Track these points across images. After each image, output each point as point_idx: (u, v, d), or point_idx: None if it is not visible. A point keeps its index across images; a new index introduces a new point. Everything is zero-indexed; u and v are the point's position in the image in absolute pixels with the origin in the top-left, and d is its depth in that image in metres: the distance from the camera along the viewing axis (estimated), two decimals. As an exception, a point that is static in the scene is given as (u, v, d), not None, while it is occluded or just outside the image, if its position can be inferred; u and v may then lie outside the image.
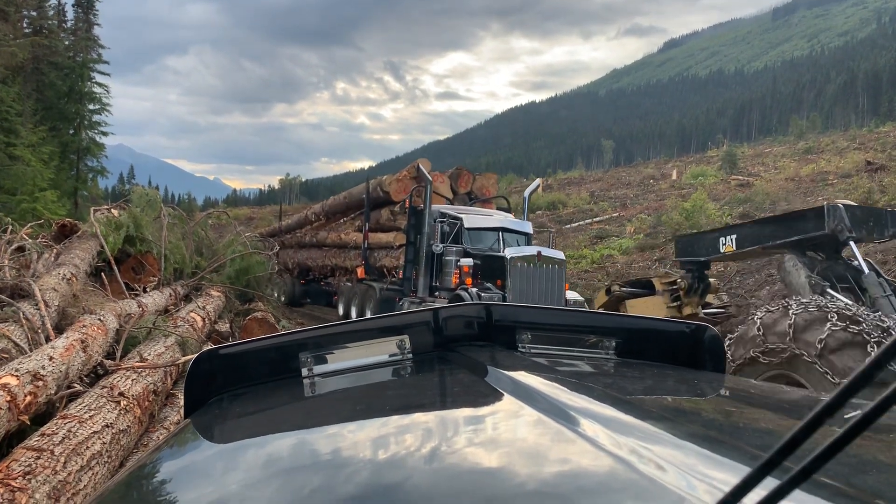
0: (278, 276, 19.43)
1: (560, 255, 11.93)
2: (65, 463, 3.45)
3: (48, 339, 5.29)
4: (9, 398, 3.69)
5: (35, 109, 29.65)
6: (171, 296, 9.27)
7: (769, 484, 0.45)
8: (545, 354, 1.62)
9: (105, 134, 35.62)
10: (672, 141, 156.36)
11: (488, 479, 0.80)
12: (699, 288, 10.06)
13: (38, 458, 3.35)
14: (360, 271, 15.06)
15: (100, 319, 5.89)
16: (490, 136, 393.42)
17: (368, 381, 1.47)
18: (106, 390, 4.62)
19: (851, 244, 6.84)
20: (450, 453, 0.89)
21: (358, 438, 1.01)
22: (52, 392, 4.33)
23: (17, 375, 3.94)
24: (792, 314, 5.35)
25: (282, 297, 19.13)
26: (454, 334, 1.66)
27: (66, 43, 35.42)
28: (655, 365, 1.64)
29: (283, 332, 1.64)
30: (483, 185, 15.75)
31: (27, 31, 32.01)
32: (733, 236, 8.36)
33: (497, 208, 15.24)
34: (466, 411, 1.18)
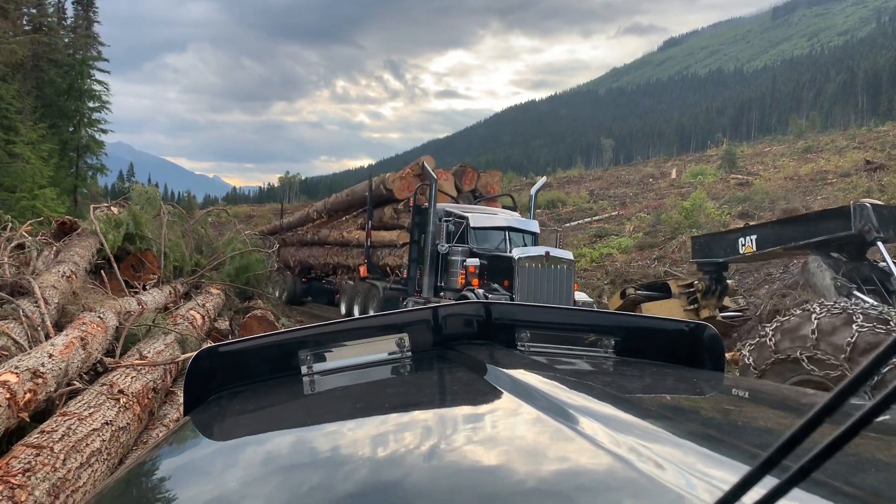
0: (279, 275, 19.31)
1: (568, 256, 11.72)
2: (64, 460, 3.45)
3: (48, 337, 5.29)
4: (8, 395, 3.69)
5: (35, 107, 29.60)
6: (170, 293, 9.27)
7: (768, 482, 0.45)
8: (544, 353, 1.62)
9: (105, 131, 35.64)
10: (671, 140, 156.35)
11: (487, 476, 0.80)
12: (717, 290, 9.74)
13: (38, 455, 3.35)
14: (363, 270, 14.90)
15: (99, 317, 5.89)
16: (490, 135, 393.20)
17: (368, 378, 1.47)
18: (105, 388, 4.63)
19: (879, 244, 6.63)
20: (449, 451, 0.89)
21: (357, 436, 1.01)
22: (52, 389, 4.33)
23: (16, 373, 3.94)
24: (815, 318, 5.19)
25: (283, 296, 19.00)
26: (453, 333, 1.66)
27: (66, 40, 35.38)
28: (654, 364, 1.64)
29: (283, 330, 1.63)
30: (487, 182, 15.50)
31: (27, 28, 32.00)
32: (753, 237, 8.10)
33: (502, 206, 15.01)
34: (466, 409, 1.18)
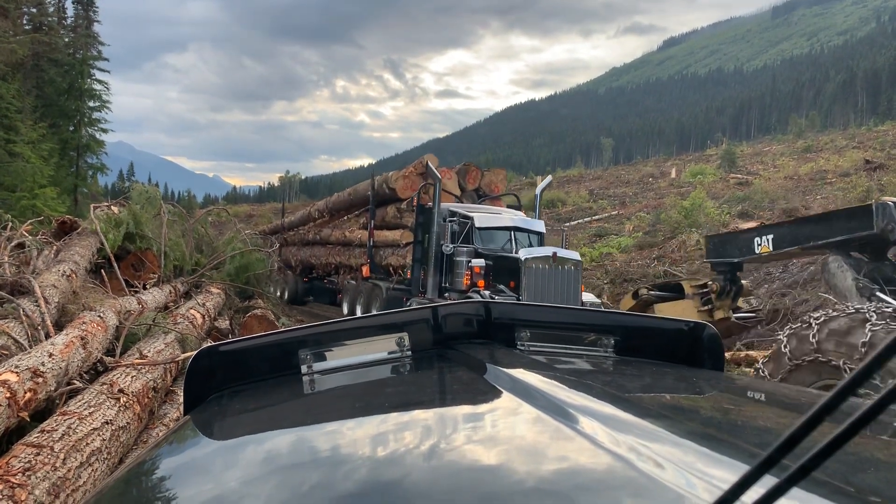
0: (281, 274, 19.20)
1: (576, 256, 11.49)
2: (64, 459, 3.45)
3: (48, 336, 5.29)
4: (8, 395, 3.69)
5: (35, 106, 29.61)
6: (170, 293, 9.27)
7: (768, 481, 0.45)
8: (544, 352, 1.62)
9: (105, 131, 35.67)
10: (671, 139, 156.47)
11: (487, 476, 0.80)
12: (731, 291, 9.50)
13: (38, 454, 3.35)
14: (366, 270, 14.72)
15: (99, 316, 5.89)
16: (490, 134, 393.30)
17: (367, 378, 1.47)
18: (106, 387, 4.63)
19: None
20: (449, 450, 0.89)
21: (357, 435, 1.01)
22: (52, 389, 4.33)
23: (16, 372, 3.94)
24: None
25: (284, 295, 18.88)
26: (453, 332, 1.66)
27: (66, 40, 35.39)
28: (654, 363, 1.64)
29: (283, 329, 1.63)
30: (492, 181, 15.24)
31: (27, 27, 31.99)
32: (769, 236, 7.89)
33: (507, 206, 14.80)
34: (465, 408, 1.18)
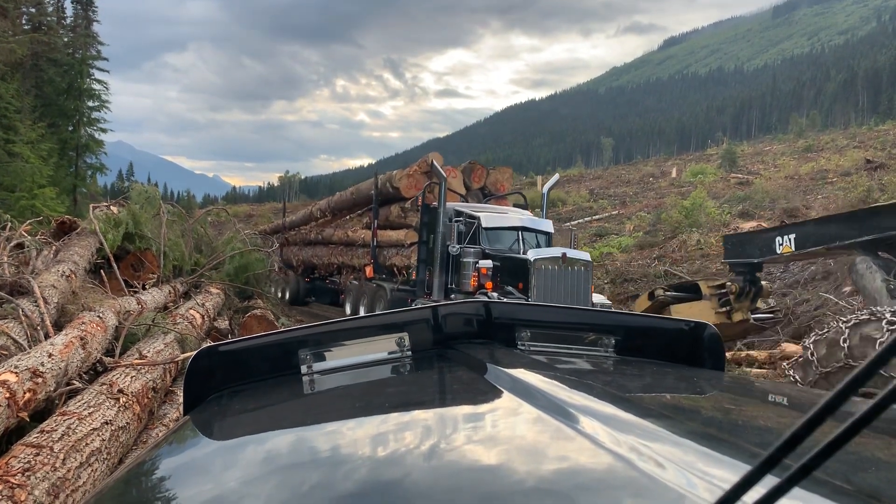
0: (282, 274, 19.07)
1: (585, 257, 11.29)
2: (64, 459, 3.45)
3: (47, 336, 5.29)
4: (8, 395, 3.69)
5: (34, 106, 29.60)
6: (170, 293, 9.27)
7: (769, 481, 0.45)
8: (545, 352, 1.62)
9: (104, 131, 35.67)
10: (672, 139, 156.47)
11: (487, 476, 0.80)
12: (751, 292, 9.22)
13: (38, 454, 3.35)
14: (369, 270, 14.47)
15: (99, 316, 5.89)
16: (490, 134, 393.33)
17: (368, 378, 1.47)
18: (105, 387, 4.63)
19: None
20: (449, 450, 0.89)
21: (357, 435, 1.01)
22: (52, 389, 4.33)
23: (16, 372, 3.94)
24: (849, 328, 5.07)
25: (285, 295, 18.75)
26: (454, 332, 1.66)
27: (66, 39, 35.38)
28: (655, 363, 1.64)
29: (283, 330, 1.63)
30: (497, 179, 14.97)
31: (26, 27, 31.97)
32: (792, 236, 7.72)
33: (513, 205, 14.58)
34: (466, 408, 1.18)
